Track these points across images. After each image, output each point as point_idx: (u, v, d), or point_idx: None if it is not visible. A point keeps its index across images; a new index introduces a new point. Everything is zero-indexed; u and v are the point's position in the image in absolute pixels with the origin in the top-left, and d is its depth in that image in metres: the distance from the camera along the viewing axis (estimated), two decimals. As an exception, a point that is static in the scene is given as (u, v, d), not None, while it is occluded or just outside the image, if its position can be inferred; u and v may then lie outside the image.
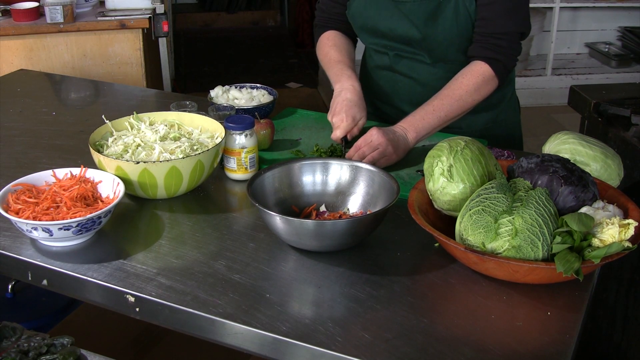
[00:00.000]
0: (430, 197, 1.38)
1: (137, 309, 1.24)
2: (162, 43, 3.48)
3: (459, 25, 1.72)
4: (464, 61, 1.77)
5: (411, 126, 1.67)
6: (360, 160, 1.56)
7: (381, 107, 1.96)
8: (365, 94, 1.98)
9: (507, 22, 1.70)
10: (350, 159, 1.55)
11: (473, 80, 1.70)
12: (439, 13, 1.72)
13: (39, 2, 3.18)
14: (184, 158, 1.46)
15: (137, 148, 1.54)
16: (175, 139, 1.59)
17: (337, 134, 1.68)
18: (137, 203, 1.53)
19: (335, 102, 1.73)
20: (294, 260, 1.33)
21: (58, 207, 1.38)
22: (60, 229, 1.31)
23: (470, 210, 1.25)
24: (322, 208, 1.48)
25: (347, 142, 1.71)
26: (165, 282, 1.25)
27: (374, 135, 1.60)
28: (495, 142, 1.88)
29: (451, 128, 1.85)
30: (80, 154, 1.73)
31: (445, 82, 1.74)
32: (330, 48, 1.90)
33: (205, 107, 1.83)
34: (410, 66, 1.85)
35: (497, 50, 1.70)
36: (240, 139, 1.58)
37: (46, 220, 1.33)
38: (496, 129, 1.95)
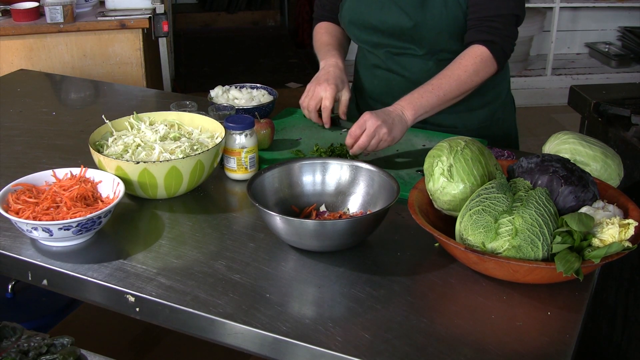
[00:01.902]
0: (430, 197, 1.38)
1: (137, 309, 1.24)
2: (162, 43, 3.48)
3: (449, 11, 1.73)
4: (456, 52, 1.77)
5: (409, 104, 1.67)
6: (362, 152, 1.62)
7: (376, 107, 1.96)
8: (361, 94, 1.99)
9: (500, 4, 1.71)
10: (350, 157, 1.56)
11: (471, 61, 1.71)
12: (428, 0, 1.74)
13: (39, 2, 3.18)
14: (184, 158, 1.46)
15: (137, 148, 1.54)
16: (175, 139, 1.59)
17: (326, 103, 1.78)
18: (137, 203, 1.53)
19: (318, 75, 1.84)
20: (294, 260, 1.33)
21: (58, 207, 1.38)
22: (60, 229, 1.31)
23: (470, 210, 1.25)
24: (322, 208, 1.48)
25: (337, 120, 1.86)
26: (165, 282, 1.25)
27: (368, 121, 1.60)
28: (491, 141, 1.88)
29: (447, 127, 1.86)
30: (80, 154, 1.73)
31: None
32: (322, 34, 1.99)
33: (205, 107, 1.83)
34: (402, 63, 1.86)
35: (493, 33, 1.71)
36: (240, 139, 1.58)
37: (46, 220, 1.33)
38: (493, 128, 1.95)
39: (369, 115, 1.61)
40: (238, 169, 1.61)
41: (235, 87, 2.00)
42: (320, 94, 1.79)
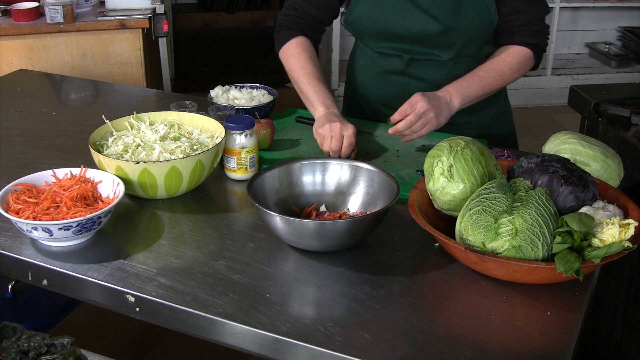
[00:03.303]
0: (430, 197, 1.38)
1: (137, 309, 1.24)
2: (162, 43, 3.48)
3: (479, 17, 1.76)
4: (476, 57, 1.82)
5: (458, 92, 1.70)
6: (406, 129, 1.63)
7: (387, 112, 1.94)
8: (367, 100, 1.97)
9: (536, 9, 1.81)
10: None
11: (515, 59, 1.78)
12: (462, 5, 1.74)
13: (39, 2, 3.18)
14: (184, 158, 1.46)
15: (137, 148, 1.54)
16: (175, 139, 1.59)
17: (352, 140, 1.63)
18: (137, 203, 1.53)
19: (326, 117, 1.68)
20: (294, 260, 1.33)
21: (58, 207, 1.38)
22: (60, 229, 1.31)
23: (470, 210, 1.24)
24: (322, 208, 1.48)
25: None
26: (165, 282, 1.25)
27: (419, 102, 1.62)
28: (500, 136, 1.93)
29: (460, 125, 1.87)
30: (80, 154, 1.73)
31: None
32: (307, 60, 1.83)
33: (205, 107, 1.83)
34: (424, 68, 1.84)
35: (537, 36, 1.81)
36: (240, 139, 1.58)
37: (46, 220, 1.33)
38: (500, 122, 1.99)
39: (421, 97, 1.63)
40: (238, 169, 1.61)
41: (235, 87, 2.00)
42: (343, 132, 1.63)
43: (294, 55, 1.86)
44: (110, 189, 1.45)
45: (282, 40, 1.89)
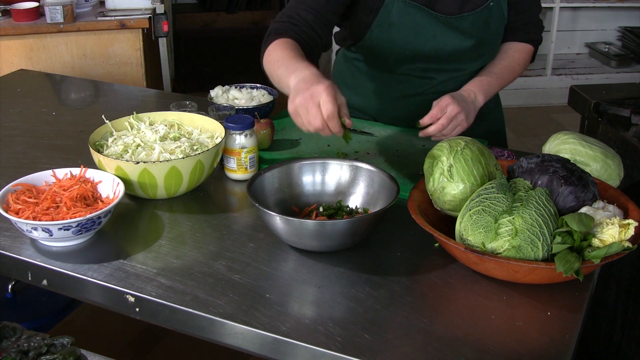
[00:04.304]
0: (430, 197, 1.38)
1: (137, 309, 1.24)
2: (162, 43, 3.48)
3: (501, 24, 1.81)
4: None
5: (481, 90, 1.74)
6: (437, 133, 1.63)
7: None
8: (385, 121, 1.94)
9: (537, 9, 1.89)
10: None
11: (522, 55, 1.86)
12: (490, 17, 1.77)
13: (39, 2, 3.18)
14: (184, 158, 1.46)
15: (137, 148, 1.54)
16: (175, 139, 1.59)
17: (329, 107, 1.36)
18: (137, 203, 1.53)
19: (297, 87, 1.39)
20: (294, 260, 1.33)
21: (58, 207, 1.38)
22: (60, 229, 1.31)
23: (470, 210, 1.24)
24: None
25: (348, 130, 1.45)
26: (165, 282, 1.25)
27: (450, 105, 1.63)
28: (495, 133, 1.98)
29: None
30: (80, 154, 1.73)
31: None
32: (292, 52, 1.55)
33: (205, 107, 1.83)
34: (447, 85, 1.84)
35: (538, 32, 1.90)
36: (240, 139, 1.58)
37: (46, 220, 1.33)
38: (496, 112, 2.03)
39: (451, 100, 1.64)
40: (238, 169, 1.61)
41: (235, 87, 2.00)
42: (318, 99, 1.36)
43: (277, 50, 1.57)
44: (110, 189, 1.45)
45: (267, 45, 1.63)
